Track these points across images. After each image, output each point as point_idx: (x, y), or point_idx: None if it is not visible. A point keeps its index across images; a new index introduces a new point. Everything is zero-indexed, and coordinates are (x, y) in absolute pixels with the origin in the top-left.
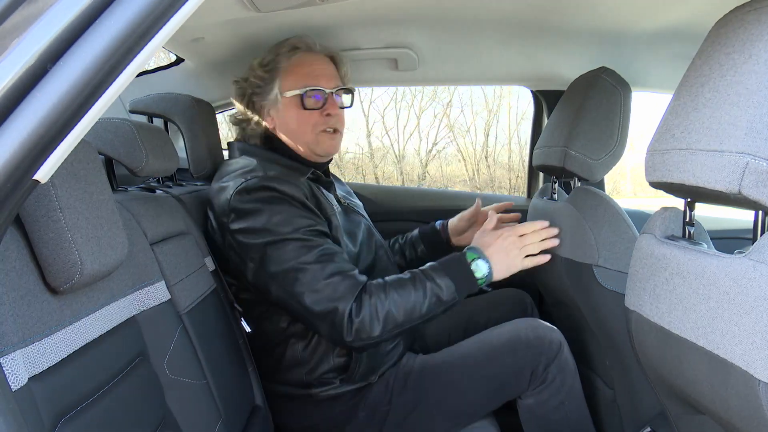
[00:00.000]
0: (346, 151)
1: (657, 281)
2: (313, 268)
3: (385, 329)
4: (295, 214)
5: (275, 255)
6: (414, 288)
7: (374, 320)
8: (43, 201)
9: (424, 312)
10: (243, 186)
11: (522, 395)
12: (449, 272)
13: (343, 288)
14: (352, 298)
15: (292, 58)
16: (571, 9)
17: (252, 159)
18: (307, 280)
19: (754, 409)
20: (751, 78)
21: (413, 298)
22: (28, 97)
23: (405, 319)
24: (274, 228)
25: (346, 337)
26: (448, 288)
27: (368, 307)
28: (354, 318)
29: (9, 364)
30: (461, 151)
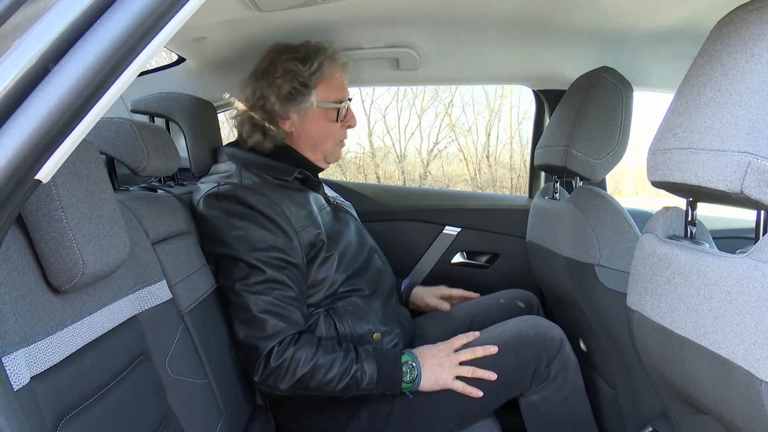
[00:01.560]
0: (348, 150)
1: (659, 281)
2: (250, 297)
3: (293, 387)
4: (255, 234)
5: (225, 269)
6: (341, 361)
7: (288, 373)
8: (44, 200)
9: (338, 389)
10: (213, 191)
11: (524, 392)
12: (379, 364)
13: (270, 328)
14: (275, 342)
15: (332, 68)
16: (573, 8)
17: (233, 164)
18: (241, 307)
19: (756, 408)
20: (753, 77)
21: (335, 371)
22: (30, 96)
23: (316, 386)
24: (230, 242)
25: (253, 375)
26: (370, 379)
27: (288, 360)
28: (271, 363)
29: (11, 363)
30: (463, 150)
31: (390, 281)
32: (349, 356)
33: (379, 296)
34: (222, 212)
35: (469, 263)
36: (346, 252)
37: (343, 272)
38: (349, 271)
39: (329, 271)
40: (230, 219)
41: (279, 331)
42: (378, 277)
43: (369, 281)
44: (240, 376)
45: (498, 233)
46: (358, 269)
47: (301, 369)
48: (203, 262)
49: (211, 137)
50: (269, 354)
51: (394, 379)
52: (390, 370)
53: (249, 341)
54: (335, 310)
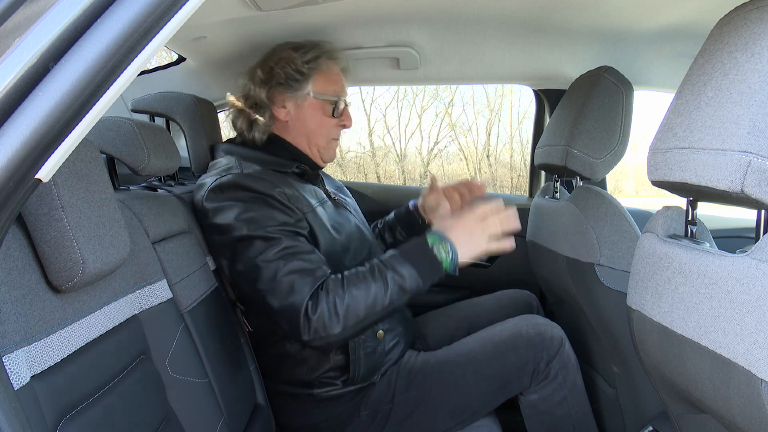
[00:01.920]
0: (348, 150)
1: (659, 280)
2: (272, 265)
3: (346, 325)
4: (266, 213)
5: (242, 253)
6: (374, 280)
7: (332, 317)
8: (45, 200)
9: (386, 304)
10: (216, 183)
11: (524, 392)
12: (411, 259)
13: (298, 285)
14: (307, 296)
15: (330, 63)
16: (573, 8)
17: (232, 157)
18: (267, 278)
19: (757, 408)
20: (753, 76)
21: (374, 290)
22: (30, 96)
23: (367, 314)
24: (241, 225)
25: (303, 335)
26: (411, 276)
27: (325, 304)
28: (311, 315)
29: (11, 362)
30: (463, 149)
31: None
32: (377, 270)
33: None
34: (230, 200)
35: (469, 262)
36: (349, 242)
37: (349, 263)
38: (354, 262)
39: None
40: (238, 204)
41: (306, 285)
42: None
43: None
44: (240, 374)
45: None
46: (357, 265)
47: (341, 307)
48: (203, 262)
49: (212, 136)
50: (306, 309)
51: (432, 266)
52: (424, 259)
53: (283, 306)
54: None
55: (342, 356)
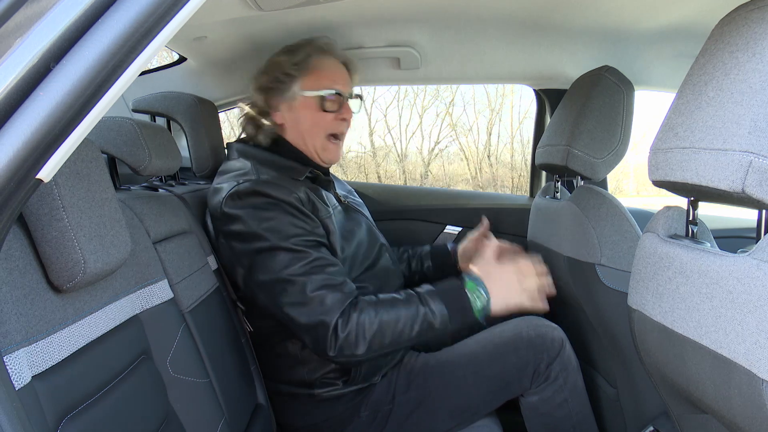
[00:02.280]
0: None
1: (660, 280)
2: (301, 280)
3: (370, 349)
4: (287, 222)
5: (264, 263)
6: (406, 310)
7: (360, 338)
8: (46, 200)
9: (413, 336)
10: (235, 190)
11: (525, 393)
12: (445, 299)
13: (330, 301)
14: (338, 313)
15: (322, 59)
16: (574, 7)
17: (247, 161)
18: (295, 292)
19: (758, 408)
20: (754, 76)
21: (403, 320)
22: (32, 96)
23: (392, 341)
24: (264, 235)
25: (329, 351)
26: (442, 315)
27: (355, 324)
28: (339, 333)
29: (12, 362)
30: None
31: (397, 281)
32: (413, 302)
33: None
34: (249, 208)
35: None
36: (357, 252)
37: (354, 272)
38: (359, 270)
39: None
40: (258, 212)
41: (338, 302)
42: (385, 276)
43: (375, 278)
44: (241, 374)
45: (499, 233)
46: (366, 267)
47: (369, 330)
48: (204, 262)
49: (213, 136)
50: (336, 326)
51: (464, 311)
52: (458, 302)
53: (313, 320)
54: None
55: None
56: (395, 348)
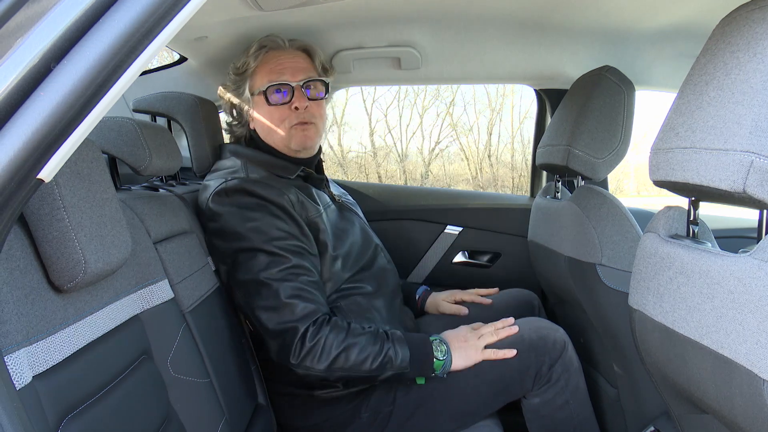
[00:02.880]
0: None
1: (661, 280)
2: (276, 284)
3: (330, 367)
4: (271, 224)
5: (244, 263)
6: (373, 343)
7: (324, 353)
8: (47, 200)
9: (373, 368)
10: (222, 187)
11: (526, 395)
12: (411, 345)
13: (301, 310)
14: (309, 322)
15: (260, 57)
16: (575, 7)
17: (238, 160)
18: (269, 296)
19: (759, 408)
20: (755, 76)
21: (368, 350)
22: (32, 96)
23: (352, 366)
24: (247, 234)
25: (291, 358)
26: (403, 358)
27: (324, 338)
28: (307, 342)
29: (13, 362)
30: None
31: (394, 280)
32: (379, 336)
33: (382, 295)
34: (234, 206)
35: (470, 263)
36: (350, 251)
37: (348, 270)
38: (354, 269)
39: (333, 270)
40: (243, 212)
41: (310, 312)
42: (382, 276)
43: (372, 279)
44: (241, 375)
45: (500, 233)
46: (361, 267)
47: (335, 348)
48: (205, 262)
49: (213, 136)
50: (305, 334)
51: (426, 361)
52: (422, 351)
53: (282, 326)
54: (339, 309)
55: None
56: (353, 375)
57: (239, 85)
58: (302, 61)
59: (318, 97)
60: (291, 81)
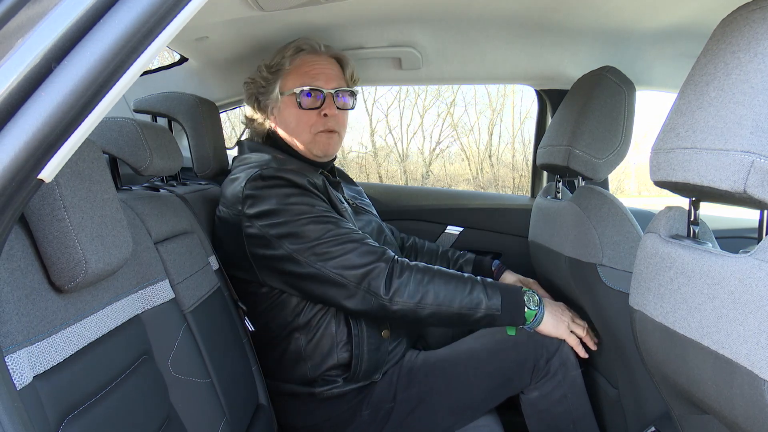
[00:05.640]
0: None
1: (661, 280)
2: (343, 238)
3: (422, 301)
4: (315, 202)
5: (299, 232)
6: (463, 283)
7: (414, 288)
8: (47, 200)
9: (464, 305)
10: (258, 173)
11: (525, 390)
12: (503, 293)
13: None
14: (390, 261)
15: (296, 59)
16: (576, 8)
17: (265, 155)
18: (339, 250)
19: (759, 409)
20: (756, 76)
21: (458, 288)
22: (33, 96)
23: (443, 301)
24: (293, 208)
25: (383, 293)
26: (494, 304)
27: (410, 274)
28: (394, 278)
29: (14, 362)
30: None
31: None
32: (471, 280)
33: None
34: (274, 188)
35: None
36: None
37: None
38: None
39: None
40: (284, 191)
41: (386, 253)
42: None
43: None
44: (242, 375)
45: (500, 233)
46: None
47: (424, 284)
48: (206, 262)
49: (214, 137)
50: (392, 270)
51: (517, 309)
52: (514, 301)
53: (365, 269)
54: None
55: (346, 354)
56: (444, 312)
57: (269, 83)
58: (336, 69)
59: (345, 107)
60: (324, 87)
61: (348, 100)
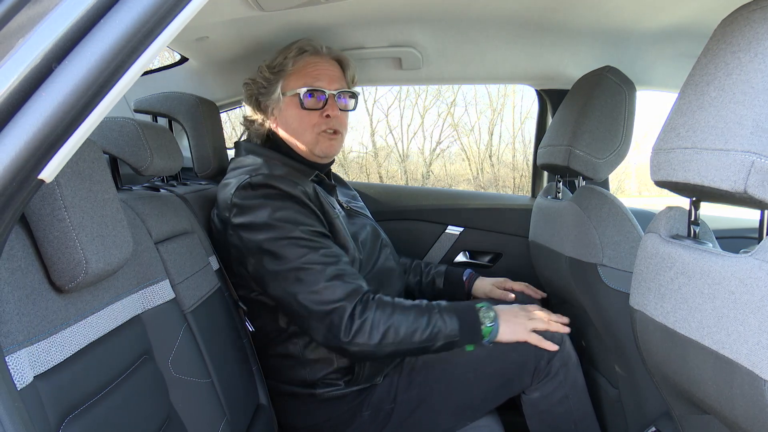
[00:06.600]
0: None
1: (662, 280)
2: (316, 268)
3: (382, 341)
4: (299, 212)
5: (277, 253)
6: (420, 315)
7: (374, 329)
8: (48, 200)
9: (423, 338)
10: (247, 181)
11: (526, 390)
12: (459, 314)
13: (345, 290)
14: (355, 300)
15: (298, 60)
16: (576, 7)
17: (258, 158)
18: (310, 281)
19: (759, 409)
20: (757, 76)
21: (417, 323)
22: (34, 96)
23: (403, 338)
24: (277, 224)
25: (343, 336)
26: (452, 327)
27: (371, 315)
28: (355, 319)
29: (14, 362)
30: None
31: (398, 282)
32: (426, 308)
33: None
34: (262, 198)
35: (471, 263)
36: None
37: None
38: (364, 272)
39: None
40: (271, 203)
41: (355, 290)
42: (385, 275)
43: (375, 278)
44: (242, 375)
45: (501, 233)
46: (371, 266)
47: (384, 323)
48: (206, 262)
49: (214, 137)
50: (353, 312)
51: (474, 328)
52: (470, 320)
53: (329, 306)
54: None
55: (345, 359)
56: (405, 348)
57: (271, 84)
58: (337, 71)
59: (347, 108)
60: (326, 89)
61: (349, 101)
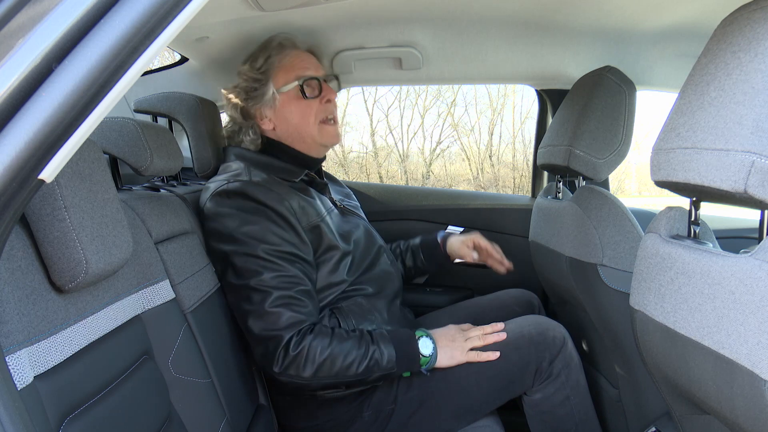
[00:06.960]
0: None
1: (662, 281)
2: (265, 291)
3: (316, 374)
4: (268, 230)
5: (237, 266)
6: (358, 347)
7: (308, 362)
8: (48, 200)
9: (360, 372)
10: (222, 188)
11: (527, 391)
12: (396, 343)
13: (286, 319)
14: (293, 331)
15: (282, 56)
16: (576, 7)
17: (242, 163)
18: (257, 301)
19: (760, 409)
20: (757, 76)
21: (354, 354)
22: (34, 96)
23: (338, 372)
24: (242, 238)
25: (274, 367)
26: (390, 358)
27: (307, 346)
28: (290, 351)
29: (14, 362)
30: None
31: (396, 283)
32: (363, 339)
33: (383, 297)
34: (232, 209)
35: (471, 263)
36: (355, 254)
37: (353, 274)
38: (357, 272)
39: (343, 274)
40: (241, 215)
41: (296, 322)
42: (384, 278)
43: (374, 281)
44: (243, 375)
45: (501, 233)
46: (364, 269)
47: (320, 356)
48: (206, 262)
49: (214, 137)
50: (288, 344)
51: (411, 357)
52: (407, 348)
53: (266, 333)
54: (340, 310)
55: None
56: (340, 380)
57: (262, 84)
58: (315, 60)
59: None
60: (318, 75)
61: (335, 84)
